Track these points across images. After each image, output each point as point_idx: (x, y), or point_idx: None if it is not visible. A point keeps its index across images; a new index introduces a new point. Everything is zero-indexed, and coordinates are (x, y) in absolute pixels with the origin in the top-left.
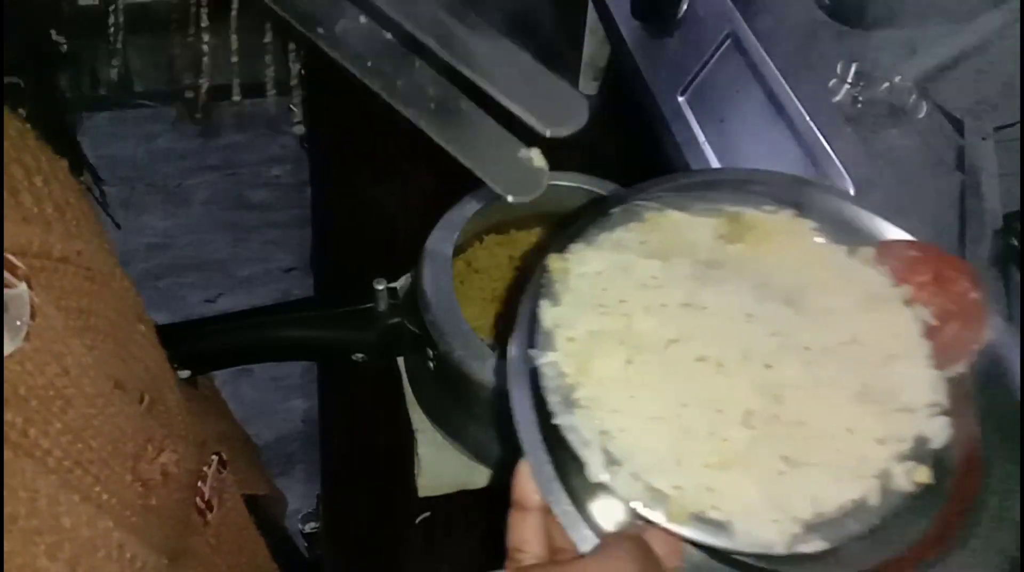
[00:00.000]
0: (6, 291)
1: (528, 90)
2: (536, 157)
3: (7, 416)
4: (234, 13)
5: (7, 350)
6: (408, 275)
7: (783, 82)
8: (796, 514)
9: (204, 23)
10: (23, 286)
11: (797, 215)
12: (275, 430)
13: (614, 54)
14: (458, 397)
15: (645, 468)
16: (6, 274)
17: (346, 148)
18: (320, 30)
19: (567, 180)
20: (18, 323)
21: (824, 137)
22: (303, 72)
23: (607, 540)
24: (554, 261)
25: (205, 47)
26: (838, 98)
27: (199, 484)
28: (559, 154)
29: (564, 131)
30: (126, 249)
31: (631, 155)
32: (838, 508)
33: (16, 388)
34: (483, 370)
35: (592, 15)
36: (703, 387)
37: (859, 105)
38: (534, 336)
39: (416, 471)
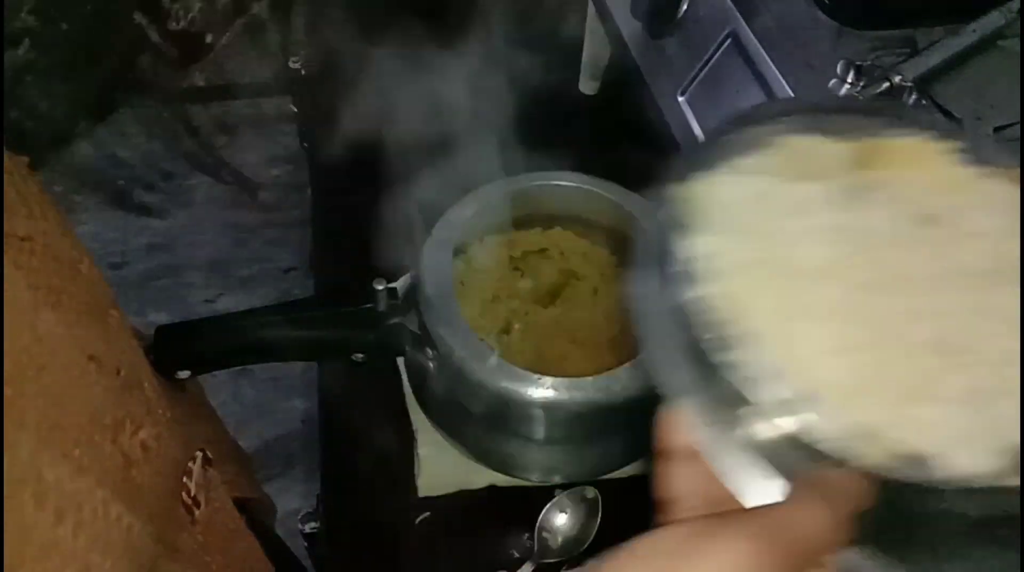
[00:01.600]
0: None
1: None
2: None
3: None
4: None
5: None
6: (408, 275)
7: (783, 82)
8: (994, 445)
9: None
10: None
11: (936, 138)
12: (275, 430)
13: (614, 54)
14: (458, 397)
15: (829, 405)
16: None
17: (346, 147)
18: None
19: (567, 180)
20: None
21: None
22: (303, 72)
23: (797, 487)
24: (682, 191)
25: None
26: None
27: (184, 479)
28: (559, 154)
29: None
30: (126, 249)
31: (631, 155)
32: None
33: None
34: (483, 370)
35: (592, 15)
36: (872, 316)
37: None
38: (671, 271)
39: (416, 471)
